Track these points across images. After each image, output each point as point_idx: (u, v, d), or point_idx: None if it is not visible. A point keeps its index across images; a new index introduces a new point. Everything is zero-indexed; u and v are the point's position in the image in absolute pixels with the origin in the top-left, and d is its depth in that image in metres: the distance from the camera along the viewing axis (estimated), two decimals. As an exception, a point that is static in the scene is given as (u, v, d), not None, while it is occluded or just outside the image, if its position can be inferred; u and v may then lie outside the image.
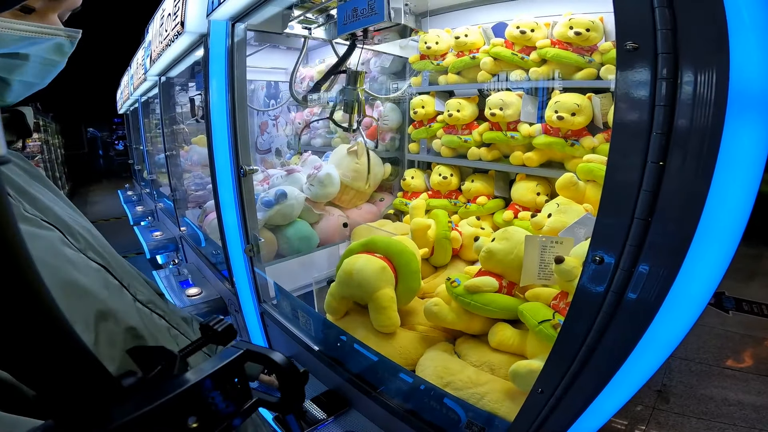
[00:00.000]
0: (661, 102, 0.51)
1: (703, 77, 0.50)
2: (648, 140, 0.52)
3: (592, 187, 1.45)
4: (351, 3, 1.35)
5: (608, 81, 1.53)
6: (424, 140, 2.20)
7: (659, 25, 0.50)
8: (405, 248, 1.50)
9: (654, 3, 0.50)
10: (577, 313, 0.73)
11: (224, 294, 2.26)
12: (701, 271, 0.60)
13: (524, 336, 1.25)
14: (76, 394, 0.33)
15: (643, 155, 0.53)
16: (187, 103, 2.78)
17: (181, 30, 1.83)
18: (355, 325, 1.49)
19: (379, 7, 1.27)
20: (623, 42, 0.55)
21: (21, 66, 0.61)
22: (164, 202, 3.83)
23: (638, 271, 0.61)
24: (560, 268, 1.05)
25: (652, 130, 0.52)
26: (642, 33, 0.52)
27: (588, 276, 0.68)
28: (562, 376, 0.81)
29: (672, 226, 0.56)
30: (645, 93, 0.53)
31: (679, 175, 0.53)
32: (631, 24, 0.54)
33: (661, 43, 0.50)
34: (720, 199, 0.53)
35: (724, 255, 0.60)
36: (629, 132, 0.55)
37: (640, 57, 0.53)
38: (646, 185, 0.53)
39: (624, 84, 0.56)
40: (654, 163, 0.52)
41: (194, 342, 0.56)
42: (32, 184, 0.71)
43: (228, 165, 1.71)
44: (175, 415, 0.39)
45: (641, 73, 0.53)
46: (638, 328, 0.66)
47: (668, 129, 0.52)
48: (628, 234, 0.59)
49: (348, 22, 1.38)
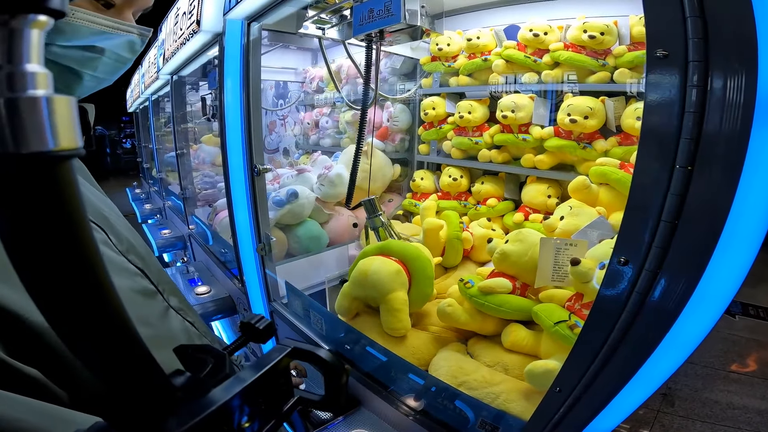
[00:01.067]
0: (691, 108, 0.52)
1: (733, 83, 0.50)
2: (677, 145, 0.53)
3: (605, 190, 1.46)
4: (367, 4, 1.36)
5: (622, 84, 1.53)
6: (434, 142, 2.20)
7: (691, 35, 0.51)
8: (421, 253, 1.50)
9: (686, 13, 0.51)
10: (599, 312, 0.73)
11: (233, 292, 2.27)
12: (725, 273, 0.60)
13: (538, 337, 1.26)
14: (133, 396, 0.33)
15: (671, 160, 0.54)
16: (197, 102, 2.79)
17: (196, 29, 1.84)
18: (366, 327, 1.49)
19: (395, 9, 1.27)
20: (653, 49, 0.56)
21: (94, 60, 0.62)
22: (172, 200, 3.85)
23: (663, 272, 0.61)
24: (576, 269, 1.05)
25: (681, 136, 0.53)
26: (673, 41, 0.53)
27: (612, 276, 0.68)
28: (582, 375, 0.81)
29: (698, 229, 0.57)
30: (674, 98, 0.54)
31: (706, 180, 0.54)
32: (663, 32, 0.55)
33: (693, 51, 0.51)
34: (745, 204, 0.54)
35: (747, 258, 0.60)
36: (658, 137, 0.56)
37: (670, 64, 0.54)
38: (674, 189, 0.54)
39: (653, 89, 0.57)
40: (682, 167, 0.53)
41: (237, 340, 0.57)
42: (82, 185, 0.71)
43: (241, 164, 1.72)
44: (229, 418, 0.39)
45: (671, 79, 0.54)
46: (661, 328, 0.66)
47: (697, 134, 0.53)
48: (654, 236, 0.59)
49: (364, 22, 1.38)
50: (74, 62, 0.60)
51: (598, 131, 1.61)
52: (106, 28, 0.59)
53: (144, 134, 5.33)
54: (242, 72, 1.65)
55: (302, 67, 3.06)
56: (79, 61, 0.60)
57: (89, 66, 0.62)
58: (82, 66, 0.61)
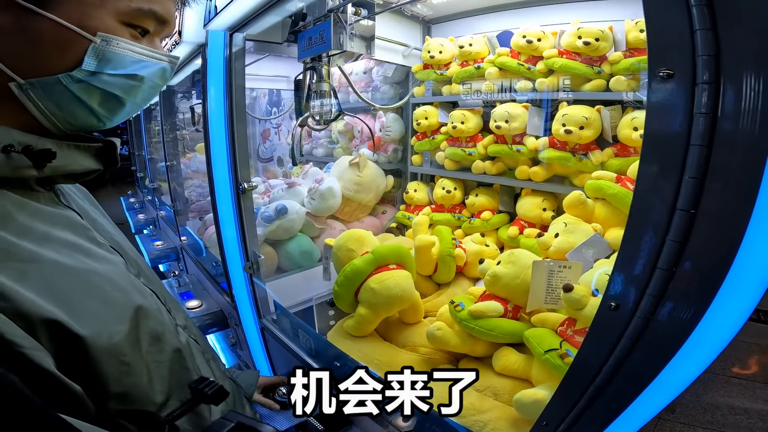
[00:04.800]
0: (697, 141, 0.46)
1: (748, 107, 0.43)
2: (678, 185, 0.47)
3: (601, 205, 1.40)
4: (307, 33, 1.54)
5: (618, 93, 1.48)
6: (427, 153, 2.15)
7: (700, 51, 0.44)
8: (406, 249, 1.57)
9: (695, 25, 0.44)
10: (592, 343, 0.67)
11: (224, 307, 2.23)
12: (737, 302, 0.53)
13: (529, 361, 1.21)
14: None
15: (671, 202, 0.47)
16: (188, 112, 2.75)
17: (178, 40, 1.79)
18: (362, 344, 1.46)
19: (327, 37, 1.44)
20: (656, 68, 0.48)
21: (136, 88, 0.64)
22: (166, 209, 3.80)
23: (668, 298, 0.54)
24: (569, 296, 1.00)
25: (684, 173, 0.46)
26: (679, 58, 0.46)
27: (609, 301, 0.61)
28: (568, 411, 0.77)
29: (711, 247, 0.50)
30: (678, 128, 0.47)
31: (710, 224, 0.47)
32: (666, 47, 0.48)
33: (701, 70, 0.45)
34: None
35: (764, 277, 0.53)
36: (656, 174, 0.49)
37: (675, 84, 0.47)
38: (673, 235, 0.47)
39: (654, 116, 0.50)
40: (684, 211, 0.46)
41: (184, 404, 0.62)
42: (92, 209, 0.76)
43: (227, 181, 1.67)
44: None
45: (675, 103, 0.47)
46: (660, 360, 0.59)
47: (702, 172, 0.46)
48: (658, 256, 0.52)
49: (305, 49, 1.57)
50: (120, 90, 0.62)
51: (593, 142, 1.55)
52: (145, 57, 0.63)
53: (137, 142, 5.28)
54: (225, 83, 1.60)
55: (294, 75, 3.00)
56: (124, 89, 0.62)
57: (132, 94, 0.64)
58: (126, 94, 0.63)
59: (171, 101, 3.10)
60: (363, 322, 1.45)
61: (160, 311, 0.68)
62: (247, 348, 2.02)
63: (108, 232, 0.72)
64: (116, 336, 0.56)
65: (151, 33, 0.64)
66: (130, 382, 0.57)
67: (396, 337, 1.51)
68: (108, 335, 0.54)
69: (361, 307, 1.45)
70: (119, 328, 0.57)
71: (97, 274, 0.59)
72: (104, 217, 0.79)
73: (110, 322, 0.56)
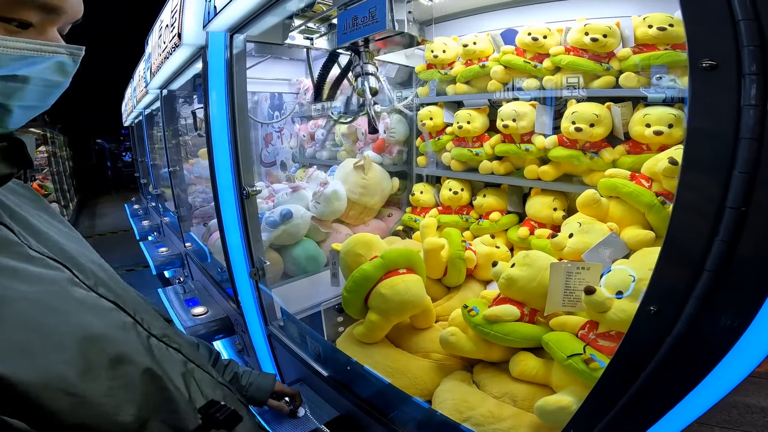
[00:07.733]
0: (747, 134, 0.42)
1: None
2: (729, 176, 0.44)
3: (616, 203, 1.36)
4: (351, 11, 1.28)
5: (628, 89, 1.44)
6: (433, 153, 2.11)
7: (745, 42, 0.41)
8: (416, 253, 1.53)
9: (736, 15, 0.41)
10: (629, 349, 0.64)
11: (230, 313, 2.20)
12: None
13: (548, 366, 1.17)
14: None
15: (719, 200, 0.44)
16: (190, 117, 2.72)
17: (178, 42, 1.77)
18: (372, 351, 1.43)
19: (380, 15, 1.18)
20: (697, 59, 0.45)
21: (20, 89, 0.54)
22: (170, 216, 3.78)
23: (715, 301, 0.50)
24: (591, 299, 0.96)
25: (734, 168, 0.43)
26: (722, 49, 0.43)
27: (648, 306, 0.57)
28: (600, 418, 0.73)
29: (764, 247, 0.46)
30: (725, 122, 0.44)
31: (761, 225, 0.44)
32: (707, 38, 0.45)
33: (748, 61, 0.41)
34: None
35: None
36: (701, 170, 0.46)
37: (721, 76, 0.44)
38: (723, 235, 0.44)
39: (698, 109, 0.47)
40: (734, 208, 0.43)
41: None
42: (38, 216, 0.67)
43: (230, 186, 1.64)
44: None
45: (721, 96, 0.44)
46: (704, 367, 0.56)
47: (754, 166, 0.43)
48: (705, 258, 0.48)
49: (348, 30, 1.30)
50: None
51: (604, 139, 1.51)
52: (27, 51, 0.52)
53: (140, 149, 5.27)
54: (227, 86, 1.58)
55: (296, 78, 2.97)
56: (3, 94, 0.53)
57: (16, 97, 0.54)
58: (8, 98, 0.53)
59: (173, 106, 3.07)
60: (374, 329, 1.41)
61: (123, 328, 0.62)
62: (254, 354, 2.00)
63: (53, 242, 0.64)
64: (54, 367, 0.50)
65: (37, 24, 0.54)
66: (87, 413, 0.51)
67: (407, 342, 1.47)
68: (41, 368, 0.48)
69: (372, 314, 1.41)
70: (57, 357, 0.51)
71: (25, 299, 0.52)
72: (54, 223, 0.71)
73: (43, 352, 0.50)
